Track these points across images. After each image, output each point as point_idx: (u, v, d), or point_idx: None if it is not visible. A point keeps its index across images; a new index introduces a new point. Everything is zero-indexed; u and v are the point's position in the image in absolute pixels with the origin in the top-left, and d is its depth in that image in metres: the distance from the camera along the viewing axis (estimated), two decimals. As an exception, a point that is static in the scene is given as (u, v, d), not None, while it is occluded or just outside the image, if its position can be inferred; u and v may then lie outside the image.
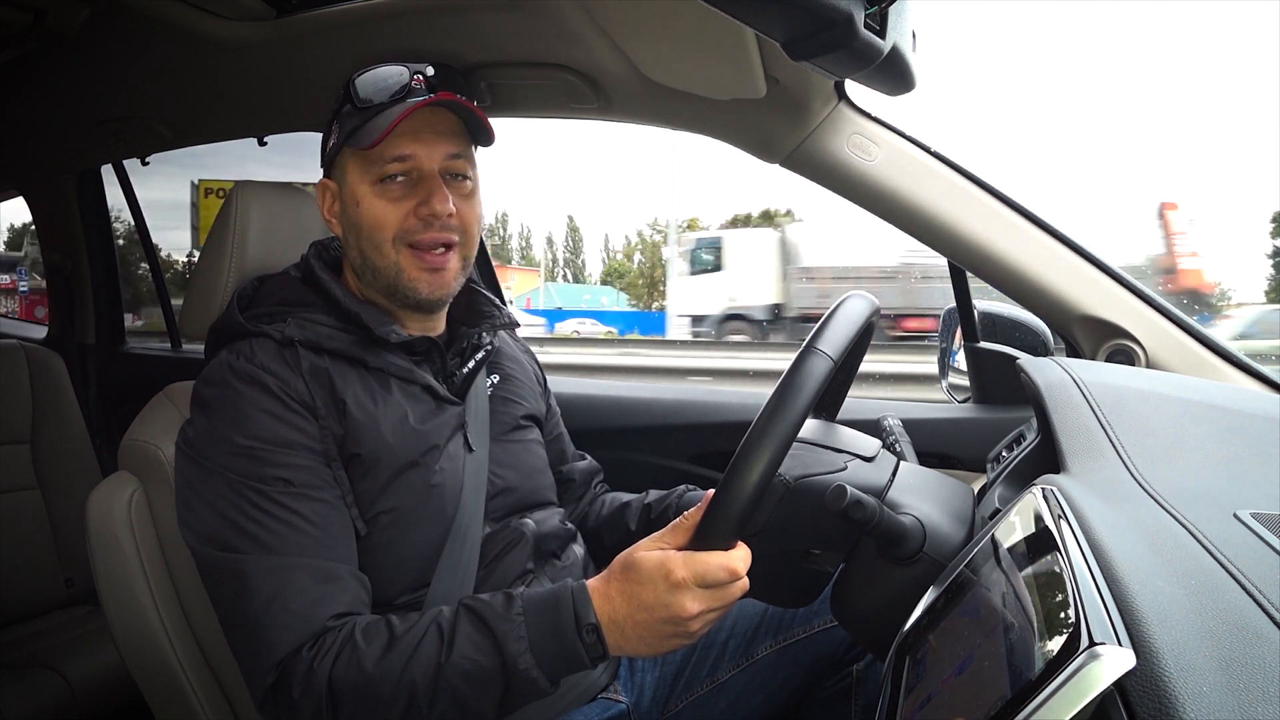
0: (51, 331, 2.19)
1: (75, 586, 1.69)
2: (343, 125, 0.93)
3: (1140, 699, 0.33)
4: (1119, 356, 1.11)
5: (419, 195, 0.90)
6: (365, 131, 0.90)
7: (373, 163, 0.90)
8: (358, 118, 0.91)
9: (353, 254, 0.94)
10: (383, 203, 0.90)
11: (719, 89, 1.08)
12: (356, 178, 0.91)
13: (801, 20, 0.54)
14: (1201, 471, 0.60)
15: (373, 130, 0.89)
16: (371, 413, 0.87)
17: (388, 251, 0.90)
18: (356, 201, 0.91)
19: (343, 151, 0.93)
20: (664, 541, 0.74)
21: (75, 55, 1.29)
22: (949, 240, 1.14)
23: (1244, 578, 0.41)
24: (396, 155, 0.89)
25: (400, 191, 0.90)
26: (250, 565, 0.77)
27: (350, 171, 0.92)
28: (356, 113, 0.91)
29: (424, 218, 0.90)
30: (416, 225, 0.90)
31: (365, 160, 0.91)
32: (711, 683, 1.02)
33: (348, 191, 0.92)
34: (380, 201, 0.90)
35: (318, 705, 0.73)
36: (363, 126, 0.90)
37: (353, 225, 0.92)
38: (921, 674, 0.51)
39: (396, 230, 0.90)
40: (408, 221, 0.90)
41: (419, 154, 0.90)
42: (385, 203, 0.90)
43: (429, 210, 0.89)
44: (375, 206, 0.90)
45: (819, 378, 0.67)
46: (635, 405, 1.53)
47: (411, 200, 0.90)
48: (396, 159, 0.90)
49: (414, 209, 0.90)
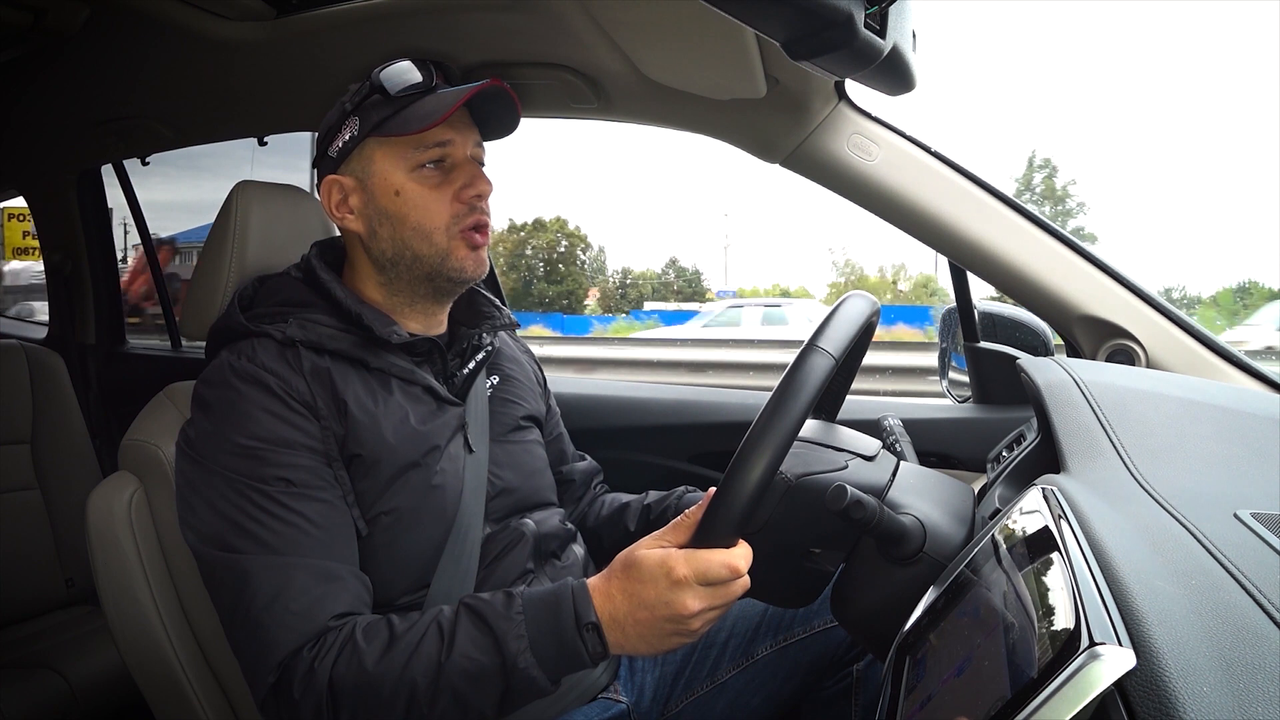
0: (51, 331, 2.19)
1: (75, 586, 1.68)
2: (367, 117, 0.92)
3: (1140, 699, 0.33)
4: (1119, 356, 1.11)
5: (458, 180, 0.92)
6: (404, 119, 0.90)
7: (412, 149, 0.91)
8: (390, 107, 0.91)
9: (384, 245, 0.93)
10: (425, 189, 0.91)
11: (719, 89, 1.08)
12: (390, 167, 0.91)
13: (801, 20, 0.54)
14: (1201, 471, 0.60)
15: (417, 116, 0.90)
16: (372, 413, 0.87)
17: (438, 240, 0.91)
18: (394, 190, 0.91)
19: (366, 144, 0.92)
20: (665, 539, 0.75)
21: (75, 55, 1.29)
22: (949, 240, 1.14)
23: (1244, 578, 0.41)
24: (439, 141, 0.91)
25: (438, 178, 0.92)
26: (251, 565, 0.77)
27: (379, 161, 0.92)
28: (389, 103, 0.91)
29: (469, 200, 0.92)
30: (463, 209, 0.92)
31: (402, 148, 0.91)
32: (712, 683, 1.02)
33: (377, 182, 0.92)
34: (423, 188, 0.91)
35: (318, 705, 0.73)
36: (397, 115, 0.91)
37: (390, 215, 0.92)
38: (921, 674, 0.51)
39: (448, 219, 0.91)
40: (454, 207, 0.91)
41: (456, 141, 0.92)
42: (427, 189, 0.91)
43: (475, 192, 0.92)
44: (419, 193, 0.91)
45: (820, 376, 0.67)
46: (635, 405, 1.53)
47: (450, 185, 0.92)
48: (438, 144, 0.91)
49: (457, 193, 0.91)
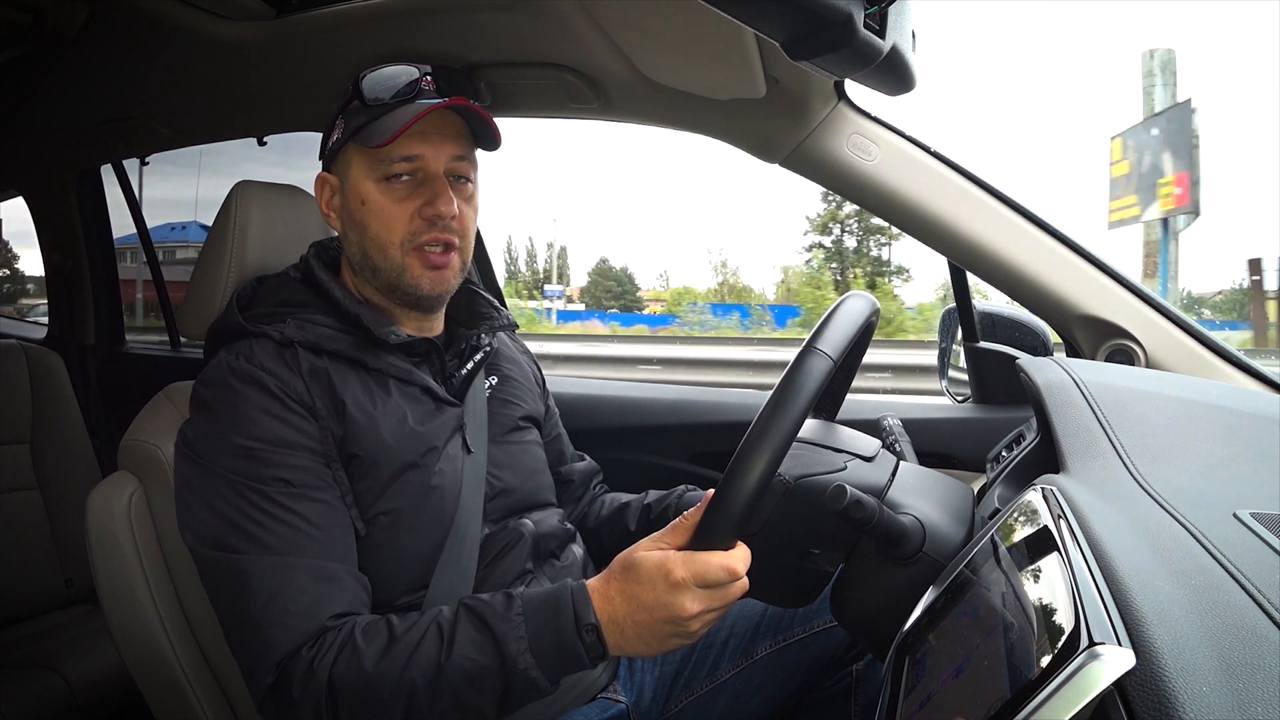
0: (51, 331, 2.19)
1: (75, 586, 1.68)
2: (349, 121, 0.93)
3: (1140, 699, 0.33)
4: (1119, 356, 1.11)
5: (424, 195, 0.90)
6: (374, 130, 0.90)
7: (380, 161, 0.90)
8: (365, 115, 0.91)
9: (353, 250, 0.94)
10: (388, 202, 0.90)
11: (719, 89, 1.08)
12: (361, 174, 0.92)
13: (801, 20, 0.54)
14: (1201, 471, 0.60)
15: (382, 129, 0.89)
16: (371, 414, 0.87)
17: (393, 254, 0.91)
18: (362, 199, 0.91)
19: (347, 147, 0.93)
20: (664, 541, 0.74)
21: (75, 55, 1.29)
22: (949, 240, 1.14)
23: (1244, 578, 0.41)
24: (405, 155, 0.90)
25: (405, 191, 0.91)
26: (250, 565, 0.77)
27: (354, 167, 0.92)
28: (365, 110, 0.92)
29: (428, 218, 0.90)
30: (421, 226, 0.90)
31: (372, 158, 0.91)
32: (711, 683, 1.02)
33: (351, 187, 0.93)
34: (386, 200, 0.90)
35: (318, 705, 0.73)
36: (371, 124, 0.91)
37: (355, 222, 0.92)
38: (921, 674, 0.51)
39: (404, 234, 0.90)
40: (413, 223, 0.90)
41: (426, 155, 0.91)
42: (391, 202, 0.90)
43: (434, 211, 0.90)
44: (381, 206, 0.90)
45: (819, 377, 0.67)
46: (635, 405, 1.53)
47: (416, 200, 0.91)
48: (405, 159, 0.90)
49: (419, 209, 0.90)
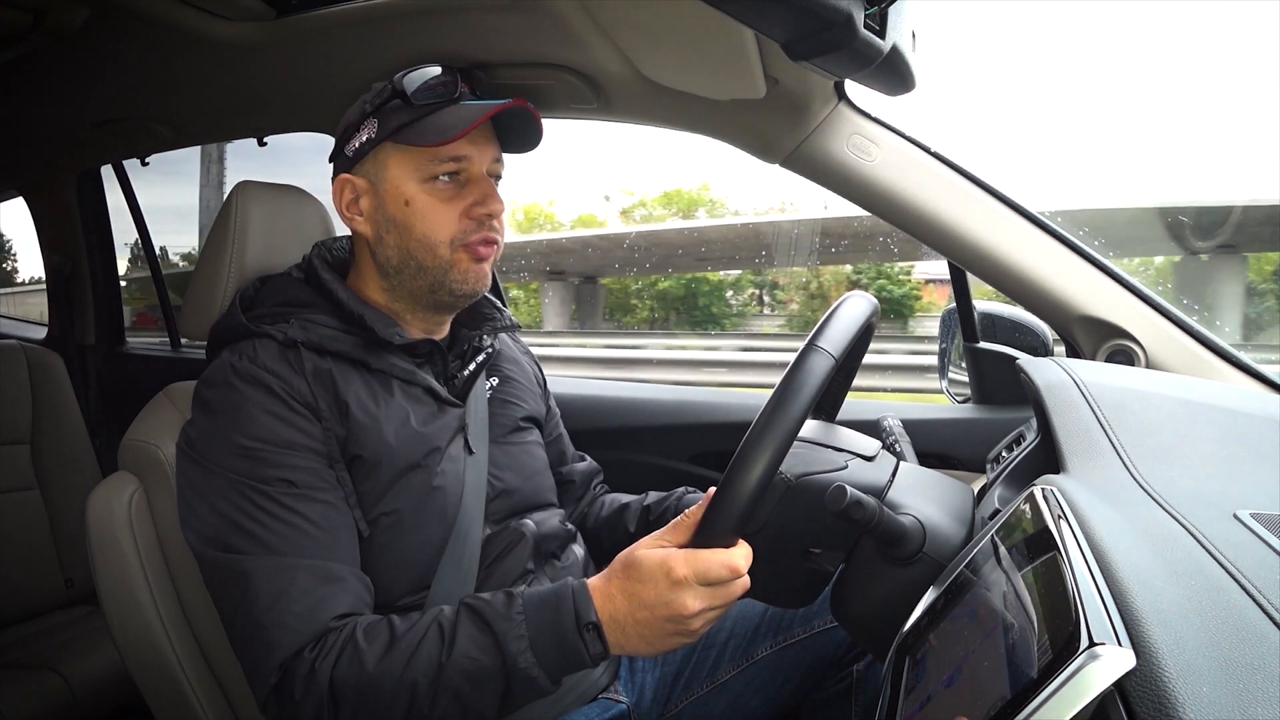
0: (51, 331, 2.19)
1: (75, 586, 1.68)
2: (386, 121, 0.92)
3: (1140, 699, 0.33)
4: (1119, 356, 1.11)
5: (470, 196, 0.91)
6: (423, 129, 0.90)
7: (428, 161, 0.90)
8: (409, 114, 0.91)
9: (388, 251, 0.92)
10: (436, 201, 0.90)
11: (719, 89, 1.08)
12: (404, 175, 0.91)
13: (801, 20, 0.54)
14: (1201, 472, 0.60)
15: (437, 128, 0.89)
16: (374, 415, 0.87)
17: (442, 253, 0.91)
18: (405, 200, 0.91)
19: (382, 147, 0.92)
20: (665, 539, 0.75)
21: (75, 55, 1.29)
22: (949, 240, 1.14)
23: (1244, 578, 0.41)
24: (454, 155, 0.90)
25: (450, 191, 0.91)
26: (252, 566, 0.77)
27: (392, 168, 0.91)
28: (409, 109, 0.91)
29: (478, 218, 0.91)
30: (470, 226, 0.91)
31: (419, 158, 0.90)
32: (712, 683, 1.02)
33: (389, 188, 0.91)
34: (433, 200, 0.90)
35: (319, 705, 0.73)
36: (416, 124, 0.90)
37: (396, 224, 0.91)
38: (921, 674, 0.51)
39: (454, 233, 0.90)
40: (461, 223, 0.90)
41: (473, 155, 0.91)
42: (438, 202, 0.90)
43: (485, 210, 0.90)
44: (429, 205, 0.90)
45: (820, 375, 0.67)
46: (635, 405, 1.53)
47: (462, 200, 0.91)
48: (454, 159, 0.90)
49: (467, 209, 0.90)
